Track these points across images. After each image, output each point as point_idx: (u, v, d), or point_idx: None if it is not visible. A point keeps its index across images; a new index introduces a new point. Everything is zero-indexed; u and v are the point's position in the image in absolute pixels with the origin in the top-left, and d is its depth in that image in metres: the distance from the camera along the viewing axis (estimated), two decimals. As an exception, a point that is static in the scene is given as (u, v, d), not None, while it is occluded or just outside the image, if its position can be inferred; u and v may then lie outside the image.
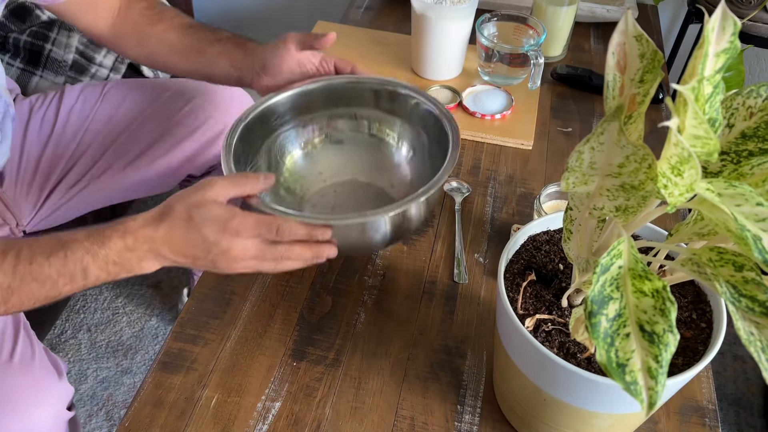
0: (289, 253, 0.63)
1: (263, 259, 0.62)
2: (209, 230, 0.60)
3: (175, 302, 1.56)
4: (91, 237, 0.60)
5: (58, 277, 0.59)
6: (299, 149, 0.82)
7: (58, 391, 0.82)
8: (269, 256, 0.62)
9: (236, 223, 0.60)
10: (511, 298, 0.59)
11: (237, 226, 0.60)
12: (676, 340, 0.39)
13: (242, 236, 0.60)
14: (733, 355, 1.49)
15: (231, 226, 0.60)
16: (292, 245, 0.62)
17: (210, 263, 0.61)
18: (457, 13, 1.04)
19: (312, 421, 0.67)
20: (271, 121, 0.78)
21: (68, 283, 0.60)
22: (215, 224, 0.60)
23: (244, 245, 0.60)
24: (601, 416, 0.55)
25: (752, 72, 1.55)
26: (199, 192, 0.61)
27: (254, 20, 1.88)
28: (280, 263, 0.63)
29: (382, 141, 0.82)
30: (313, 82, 0.79)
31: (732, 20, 0.41)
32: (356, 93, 0.80)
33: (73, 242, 0.60)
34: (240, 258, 0.61)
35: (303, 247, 0.63)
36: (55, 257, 0.59)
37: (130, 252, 0.60)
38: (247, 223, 0.60)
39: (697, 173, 0.39)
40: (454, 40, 1.08)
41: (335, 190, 0.81)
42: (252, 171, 0.76)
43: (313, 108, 0.81)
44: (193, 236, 0.60)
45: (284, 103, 0.78)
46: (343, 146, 0.83)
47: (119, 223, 0.61)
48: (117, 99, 1.04)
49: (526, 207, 0.92)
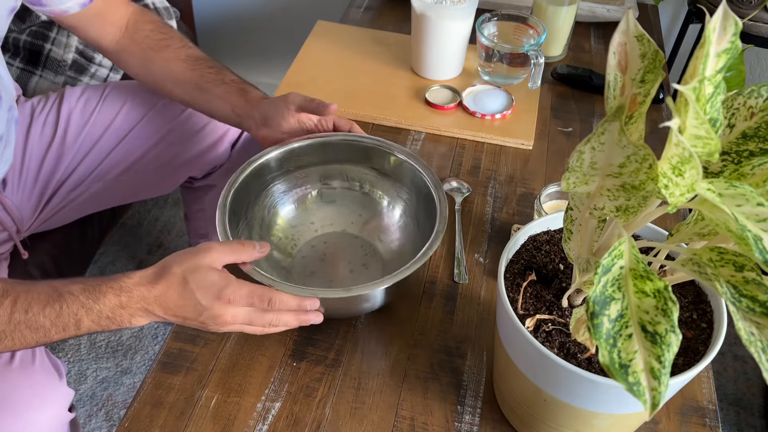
0: (277, 321, 0.65)
1: (252, 324, 0.64)
2: (203, 295, 0.61)
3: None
4: (87, 291, 0.61)
5: (51, 327, 0.61)
6: (292, 204, 0.86)
7: (58, 393, 0.82)
8: (258, 323, 0.64)
9: (230, 292, 0.62)
10: (512, 298, 0.58)
11: (230, 295, 0.62)
12: (678, 340, 0.39)
13: (234, 304, 0.62)
14: (733, 355, 1.49)
15: (225, 294, 0.61)
16: (281, 314, 0.65)
17: (200, 324, 0.63)
18: (457, 13, 1.04)
19: (312, 421, 0.67)
20: (265, 176, 0.82)
21: (60, 333, 0.62)
22: (209, 291, 0.61)
23: (234, 312, 0.62)
24: (602, 416, 0.55)
25: (753, 72, 1.55)
26: (196, 256, 0.63)
27: (254, 20, 1.88)
28: (266, 329, 0.66)
29: (373, 199, 0.86)
30: (309, 138, 0.82)
31: (733, 20, 0.41)
32: (350, 152, 0.84)
33: (69, 295, 0.61)
34: (229, 323, 0.63)
35: (291, 316, 0.65)
36: (51, 308, 0.61)
37: (122, 309, 0.61)
38: (241, 292, 0.62)
39: (698, 173, 0.39)
40: (454, 39, 1.07)
41: (325, 241, 0.85)
42: (245, 224, 0.79)
43: (307, 164, 0.85)
44: (186, 300, 0.61)
45: (279, 159, 0.82)
46: (335, 202, 0.87)
47: (115, 279, 0.62)
48: (117, 102, 1.03)
49: (527, 207, 0.91)
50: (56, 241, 1.10)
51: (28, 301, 0.61)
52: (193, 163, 1.08)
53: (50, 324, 0.61)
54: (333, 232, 0.86)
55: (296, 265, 0.82)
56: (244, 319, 0.63)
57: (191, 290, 0.61)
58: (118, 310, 0.61)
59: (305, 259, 0.83)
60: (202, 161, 1.08)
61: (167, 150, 1.05)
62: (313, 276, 0.81)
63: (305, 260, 0.82)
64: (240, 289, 0.62)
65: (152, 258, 1.65)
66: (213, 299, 0.61)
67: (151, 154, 1.05)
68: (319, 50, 1.18)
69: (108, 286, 0.62)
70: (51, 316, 0.61)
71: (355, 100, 1.06)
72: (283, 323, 0.65)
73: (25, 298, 0.61)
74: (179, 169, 1.08)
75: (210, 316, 0.62)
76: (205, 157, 1.08)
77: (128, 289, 0.61)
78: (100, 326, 0.62)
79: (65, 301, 0.61)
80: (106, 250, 1.66)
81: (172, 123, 1.04)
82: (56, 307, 0.61)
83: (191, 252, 0.63)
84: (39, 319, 0.61)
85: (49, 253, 1.09)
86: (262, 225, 0.82)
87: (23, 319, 0.60)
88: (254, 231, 0.81)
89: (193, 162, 1.08)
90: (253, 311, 0.63)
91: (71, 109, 1.02)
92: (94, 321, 0.61)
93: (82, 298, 0.61)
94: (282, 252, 0.83)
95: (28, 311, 0.60)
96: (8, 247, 0.99)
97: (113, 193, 1.08)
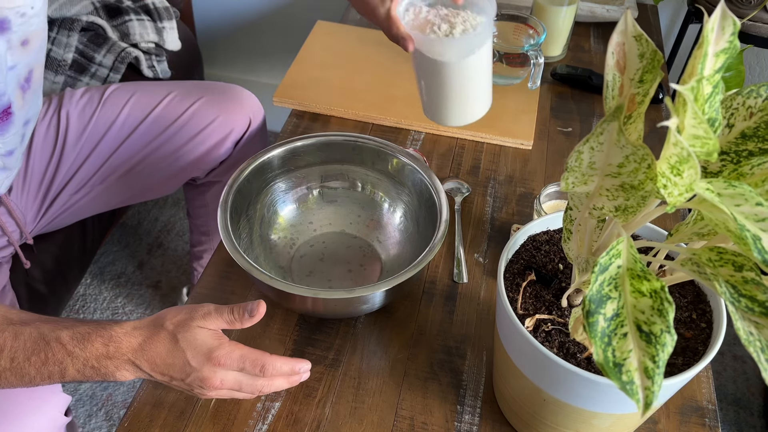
0: (268, 388, 0.62)
1: (240, 390, 0.61)
2: (193, 355, 0.59)
3: (175, 302, 1.55)
4: (75, 339, 0.60)
5: (36, 375, 0.60)
6: (293, 203, 0.86)
7: (55, 397, 0.82)
8: (247, 389, 0.62)
9: (221, 354, 0.59)
10: (511, 298, 0.59)
11: (221, 357, 0.59)
12: (673, 340, 0.39)
13: (225, 367, 0.60)
14: (732, 355, 1.49)
15: (215, 356, 0.59)
16: (273, 380, 0.62)
17: (186, 386, 0.61)
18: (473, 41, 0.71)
19: (312, 421, 0.67)
20: (267, 174, 0.82)
21: (45, 380, 0.61)
22: (200, 350, 0.59)
23: (223, 376, 0.60)
24: (601, 416, 0.55)
25: (752, 72, 1.55)
26: (190, 314, 0.61)
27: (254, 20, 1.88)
28: (254, 395, 0.63)
29: (374, 200, 0.87)
30: (311, 138, 0.82)
31: (731, 20, 0.41)
32: (352, 152, 0.84)
33: (56, 343, 0.60)
34: (216, 387, 0.60)
35: (283, 379, 0.63)
36: (36, 357, 0.60)
37: (109, 360, 0.60)
38: (233, 355, 0.60)
39: (696, 173, 0.39)
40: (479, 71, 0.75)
41: (324, 241, 0.85)
42: (246, 221, 0.79)
43: (308, 163, 0.85)
44: (175, 357, 0.59)
45: (281, 157, 0.82)
46: (336, 202, 0.87)
47: (105, 328, 0.61)
48: (118, 104, 1.03)
49: (526, 207, 0.91)
50: (57, 241, 1.10)
51: (14, 350, 0.60)
52: (197, 163, 1.07)
53: (35, 372, 0.60)
54: (332, 232, 0.86)
55: (295, 265, 0.82)
56: (234, 384, 0.60)
57: (182, 349, 0.59)
58: (104, 360, 0.60)
59: (304, 259, 0.83)
60: (206, 160, 1.08)
61: (170, 151, 1.04)
62: (311, 275, 0.81)
63: (304, 260, 0.83)
64: (232, 352, 0.60)
65: (152, 258, 1.65)
66: (203, 360, 0.59)
67: (154, 155, 1.04)
68: (319, 50, 1.18)
69: (98, 335, 0.60)
70: (36, 364, 0.60)
71: (355, 100, 1.07)
72: (274, 388, 0.63)
73: (12, 345, 0.60)
74: (184, 169, 1.07)
75: (198, 378, 0.59)
76: (209, 156, 1.07)
77: (117, 339, 0.60)
78: (84, 376, 0.60)
79: (51, 349, 0.60)
80: (106, 250, 1.66)
81: (174, 123, 1.03)
82: (41, 356, 0.60)
83: (187, 310, 0.62)
84: (24, 366, 0.60)
85: (51, 253, 1.09)
86: (262, 223, 0.82)
87: (9, 367, 0.60)
88: (254, 229, 0.81)
89: (198, 162, 1.07)
90: (243, 376, 0.61)
91: (72, 112, 1.01)
92: (78, 370, 0.60)
93: (69, 346, 0.60)
94: (281, 251, 0.83)
95: (13, 359, 0.60)
96: (11, 250, 0.99)
97: (116, 195, 1.08)
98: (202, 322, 0.61)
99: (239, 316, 0.61)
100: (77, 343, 0.60)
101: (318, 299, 0.68)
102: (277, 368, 0.61)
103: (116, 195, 1.08)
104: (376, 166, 0.84)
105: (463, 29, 0.70)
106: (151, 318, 0.62)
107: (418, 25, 0.72)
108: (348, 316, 0.76)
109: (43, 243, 1.07)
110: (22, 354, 0.60)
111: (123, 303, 1.55)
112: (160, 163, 1.05)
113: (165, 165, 1.06)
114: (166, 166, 1.06)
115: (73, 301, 1.54)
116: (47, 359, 0.60)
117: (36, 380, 0.61)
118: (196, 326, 0.60)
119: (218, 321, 0.61)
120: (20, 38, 0.77)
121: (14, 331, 0.61)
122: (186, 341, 0.59)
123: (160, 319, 0.61)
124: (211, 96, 1.06)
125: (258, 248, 0.81)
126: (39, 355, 0.60)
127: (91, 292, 1.57)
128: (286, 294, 0.67)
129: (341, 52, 1.18)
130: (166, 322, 0.61)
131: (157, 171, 1.06)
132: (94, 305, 1.54)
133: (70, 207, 1.04)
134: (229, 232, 0.71)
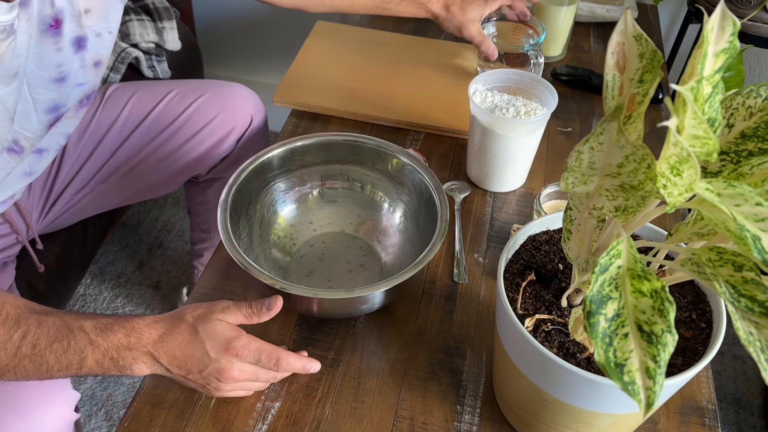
0: (279, 377, 0.67)
1: (256, 380, 0.65)
2: (212, 346, 0.62)
3: (175, 302, 1.55)
4: (98, 328, 0.62)
5: (55, 364, 0.61)
6: (293, 203, 0.86)
7: (65, 392, 0.82)
8: (263, 378, 0.65)
9: (239, 345, 0.62)
10: (511, 298, 0.59)
11: (239, 348, 0.62)
12: (674, 340, 0.39)
13: (242, 359, 0.62)
14: (732, 355, 1.49)
15: (234, 347, 0.62)
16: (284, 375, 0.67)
17: (202, 380, 0.63)
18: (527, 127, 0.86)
19: (311, 421, 0.67)
20: (267, 174, 0.82)
21: (62, 371, 0.62)
22: (219, 341, 0.62)
23: (241, 367, 0.62)
24: (601, 416, 0.55)
25: (752, 72, 1.55)
26: (210, 308, 0.64)
27: (254, 20, 1.88)
28: (265, 385, 0.68)
29: (374, 200, 0.87)
30: (311, 138, 0.83)
31: (731, 20, 0.41)
32: (352, 152, 0.84)
33: (80, 331, 0.62)
34: (234, 379, 0.62)
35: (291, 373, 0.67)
36: (58, 344, 0.61)
37: (128, 351, 0.62)
38: (251, 347, 0.63)
39: (696, 173, 0.39)
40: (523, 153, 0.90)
41: (323, 240, 0.85)
42: (246, 221, 0.79)
43: (308, 163, 0.85)
44: (194, 348, 0.62)
45: (281, 157, 0.82)
46: (336, 202, 0.87)
47: (128, 319, 0.63)
48: (119, 103, 1.03)
49: (526, 207, 0.92)
50: (58, 241, 1.11)
51: (37, 336, 0.61)
52: (199, 161, 1.07)
53: (54, 360, 0.61)
54: (331, 232, 0.86)
55: (294, 265, 0.82)
56: (250, 375, 0.63)
57: (201, 339, 0.62)
58: (124, 351, 0.61)
59: (303, 259, 0.83)
60: (208, 158, 1.08)
61: (172, 149, 1.05)
62: (311, 275, 0.81)
63: (303, 260, 0.83)
64: (249, 344, 0.62)
65: (152, 258, 1.65)
66: (222, 350, 0.61)
67: (156, 154, 1.04)
68: (319, 50, 1.18)
69: (120, 325, 0.62)
70: (57, 352, 0.61)
71: (355, 100, 1.07)
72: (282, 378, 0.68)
73: (35, 332, 0.61)
74: (185, 167, 1.08)
75: (215, 369, 0.61)
76: (211, 153, 1.07)
77: (139, 330, 0.62)
78: (102, 368, 0.62)
79: (74, 337, 0.61)
80: (106, 250, 1.66)
81: (176, 121, 1.04)
82: (64, 343, 0.61)
83: (206, 304, 0.65)
84: (45, 354, 0.61)
85: (52, 253, 1.09)
86: (262, 223, 0.82)
87: (29, 354, 0.61)
88: (254, 229, 0.81)
89: (199, 159, 1.07)
90: (258, 369, 0.64)
91: None
92: (97, 361, 0.61)
93: (92, 335, 0.61)
94: (281, 251, 0.83)
95: (35, 345, 0.61)
96: (16, 250, 1.00)
97: (118, 194, 1.08)
98: (221, 315, 0.63)
99: (257, 310, 0.65)
100: (100, 332, 0.61)
101: (318, 299, 0.68)
102: (291, 364, 0.64)
103: (118, 194, 1.08)
104: (376, 166, 0.84)
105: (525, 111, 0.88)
106: (171, 313, 0.64)
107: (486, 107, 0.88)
108: (348, 316, 0.76)
109: (44, 243, 1.08)
110: (45, 340, 0.61)
111: (123, 303, 1.55)
112: (161, 162, 1.05)
113: (167, 163, 1.06)
114: (167, 164, 1.06)
115: (73, 301, 1.54)
116: (69, 347, 0.61)
117: (53, 370, 0.62)
118: (215, 319, 0.63)
119: (236, 315, 0.64)
120: (93, 58, 0.79)
121: (38, 319, 0.62)
122: (206, 332, 0.62)
123: (180, 314, 0.64)
124: (212, 94, 1.06)
125: (258, 248, 0.81)
126: (62, 342, 0.61)
127: (91, 292, 1.57)
128: (286, 294, 0.67)
129: (341, 52, 1.18)
130: (186, 316, 0.63)
131: (158, 169, 1.06)
132: (94, 305, 1.54)
133: (72, 207, 1.04)
134: (229, 232, 0.71)
